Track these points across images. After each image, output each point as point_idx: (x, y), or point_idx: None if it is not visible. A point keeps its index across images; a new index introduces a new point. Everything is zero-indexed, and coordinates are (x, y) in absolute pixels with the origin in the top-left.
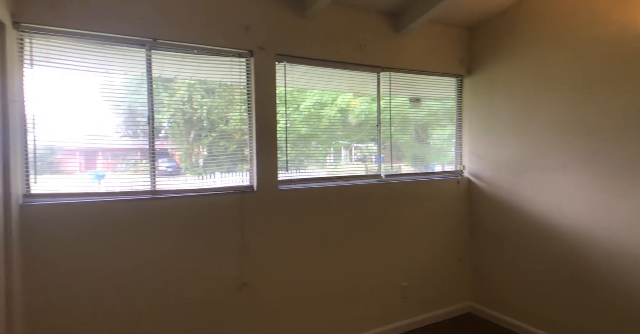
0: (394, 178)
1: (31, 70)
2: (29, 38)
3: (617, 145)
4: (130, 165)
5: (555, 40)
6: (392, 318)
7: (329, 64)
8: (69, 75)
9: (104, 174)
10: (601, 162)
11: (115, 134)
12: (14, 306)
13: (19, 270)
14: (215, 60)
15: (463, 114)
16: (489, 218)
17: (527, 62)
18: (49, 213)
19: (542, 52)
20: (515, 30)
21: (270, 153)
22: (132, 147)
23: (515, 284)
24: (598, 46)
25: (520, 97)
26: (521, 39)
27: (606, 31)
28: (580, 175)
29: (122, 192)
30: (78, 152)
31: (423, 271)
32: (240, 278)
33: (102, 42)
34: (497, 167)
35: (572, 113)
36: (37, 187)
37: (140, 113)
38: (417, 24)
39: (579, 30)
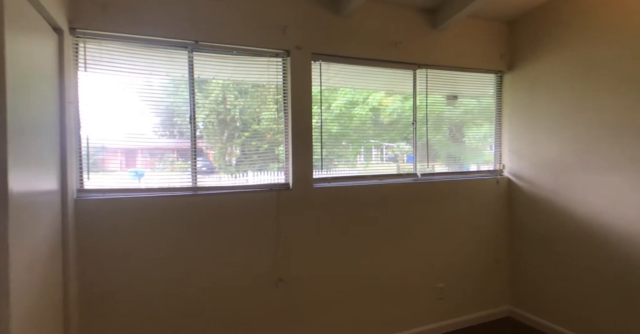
0: (431, 177)
1: (84, 73)
2: (83, 43)
3: None
4: (169, 163)
5: (604, 32)
6: (427, 319)
7: (364, 62)
8: (116, 78)
9: (143, 172)
10: None
11: (156, 134)
12: (70, 289)
13: (74, 258)
14: (252, 60)
15: (503, 111)
16: (530, 219)
17: (572, 56)
18: (100, 207)
19: (590, 44)
20: (559, 23)
21: (305, 152)
22: (171, 146)
23: (558, 289)
24: None
25: (565, 92)
26: (566, 31)
27: None
28: (632, 175)
29: (165, 188)
30: (120, 151)
31: (460, 272)
32: (276, 274)
33: (147, 45)
34: (540, 166)
35: (625, 108)
36: (89, 183)
37: (179, 113)
38: (456, 20)
39: (629, 20)
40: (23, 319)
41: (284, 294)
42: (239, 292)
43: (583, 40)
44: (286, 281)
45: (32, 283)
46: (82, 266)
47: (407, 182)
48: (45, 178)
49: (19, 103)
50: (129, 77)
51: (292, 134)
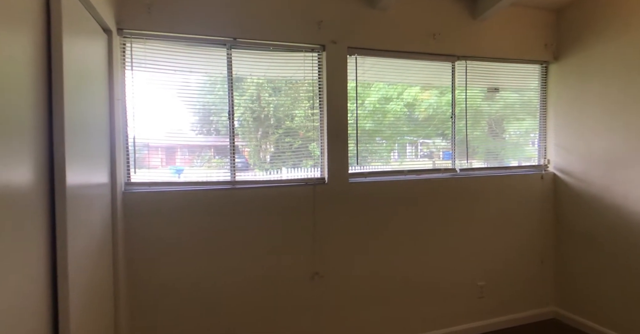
0: (470, 173)
1: (130, 72)
2: (129, 42)
3: None
4: (206, 160)
5: None
6: (467, 318)
7: (400, 55)
8: (159, 76)
9: (182, 169)
10: None
11: (194, 131)
12: (120, 275)
13: (123, 246)
14: (289, 56)
15: (548, 103)
16: (577, 217)
17: (626, 43)
18: (146, 199)
19: None
20: (610, 10)
21: (340, 146)
22: (209, 144)
23: (606, 290)
24: None
25: (618, 81)
26: (618, 17)
27: None
28: None
29: (206, 182)
30: (162, 148)
31: (502, 271)
32: (312, 267)
33: (189, 43)
34: (589, 161)
35: None
36: (136, 177)
37: (216, 111)
38: (498, 9)
39: None
40: (78, 302)
41: (319, 288)
42: (277, 284)
43: (635, 27)
44: (322, 275)
45: (87, 268)
46: (129, 253)
47: (445, 177)
48: (96, 172)
49: (74, 102)
50: (171, 75)
51: (327, 129)
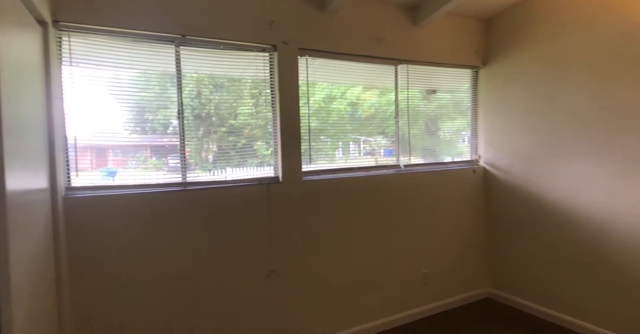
0: (412, 169)
1: (69, 68)
2: (67, 36)
3: (634, 131)
4: (141, 161)
5: (574, 30)
6: (414, 303)
7: (349, 57)
8: (101, 72)
9: (116, 170)
10: (618, 148)
11: (130, 130)
12: (64, 287)
13: (66, 256)
14: (239, 55)
15: (478, 104)
16: (505, 205)
17: (543, 52)
18: (90, 204)
19: (560, 41)
20: (532, 21)
21: (294, 145)
22: (154, 143)
23: (533, 270)
24: (616, 35)
25: (536, 86)
26: (538, 29)
27: (624, 21)
28: (598, 161)
29: (155, 184)
30: (97, 148)
31: (443, 258)
32: (269, 265)
33: (134, 39)
34: (513, 155)
35: (591, 102)
36: (78, 181)
37: (154, 108)
38: (435, 17)
39: (597, 19)
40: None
41: (276, 285)
42: (233, 283)
43: (554, 38)
44: (279, 272)
45: (29, 281)
46: (74, 265)
47: (391, 173)
48: (35, 176)
49: (10, 100)
50: (114, 72)
51: (280, 128)
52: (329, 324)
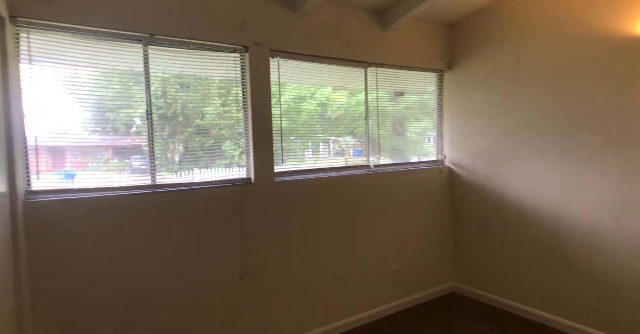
0: (382, 169)
1: (29, 66)
2: (26, 33)
3: (584, 135)
4: (103, 163)
5: (531, 37)
6: (384, 300)
7: (319, 59)
8: (62, 71)
9: (75, 173)
10: (570, 149)
11: (92, 130)
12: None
13: (26, 263)
14: (210, 55)
15: (443, 106)
16: (469, 203)
17: (504, 57)
18: (52, 209)
19: (518, 48)
20: (492, 28)
21: (265, 146)
22: (110, 144)
23: (495, 264)
24: (569, 44)
25: (496, 90)
26: (498, 35)
27: (577, 30)
28: (552, 161)
29: (124, 187)
30: (58, 149)
31: (411, 255)
32: (241, 267)
33: (99, 37)
34: (476, 156)
35: (545, 104)
36: (38, 184)
37: (116, 107)
38: (402, 22)
39: (552, 28)
40: None
41: (249, 286)
42: (204, 286)
43: (512, 44)
44: (251, 273)
45: None
46: (37, 278)
47: (361, 173)
48: None
49: None
50: (76, 70)
51: (252, 129)
52: (303, 323)
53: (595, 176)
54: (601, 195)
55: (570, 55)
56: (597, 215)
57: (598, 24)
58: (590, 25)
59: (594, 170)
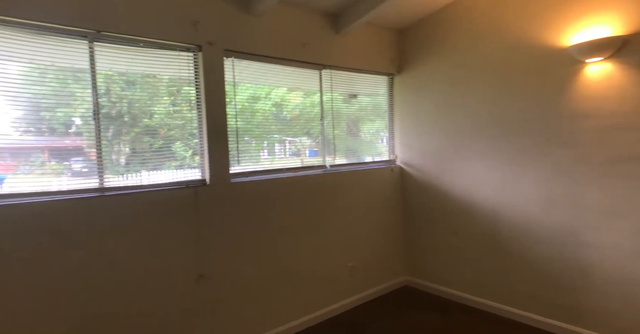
0: (338, 169)
1: None
2: None
3: (517, 137)
4: (38, 165)
5: (472, 45)
6: (341, 296)
7: (274, 60)
8: None
9: (4, 176)
10: (507, 151)
11: (41, 131)
12: None
13: None
14: (162, 53)
15: (394, 109)
16: (419, 200)
17: (448, 63)
18: None
19: (461, 55)
20: (436, 35)
21: (221, 147)
22: (46, 145)
23: (443, 257)
24: (505, 53)
25: (442, 94)
26: (441, 43)
27: (512, 41)
28: (492, 161)
29: (69, 191)
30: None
31: (366, 251)
32: (197, 270)
33: (40, 32)
34: (425, 156)
35: (485, 108)
36: None
37: (52, 106)
38: (355, 26)
39: (490, 37)
40: None
41: (205, 289)
42: (160, 290)
43: (456, 51)
44: (208, 276)
45: None
46: None
47: (317, 173)
48: None
49: None
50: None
51: (207, 129)
52: (263, 323)
53: (527, 175)
54: (532, 191)
55: (506, 63)
56: (529, 209)
57: (531, 36)
58: (524, 36)
59: (526, 169)
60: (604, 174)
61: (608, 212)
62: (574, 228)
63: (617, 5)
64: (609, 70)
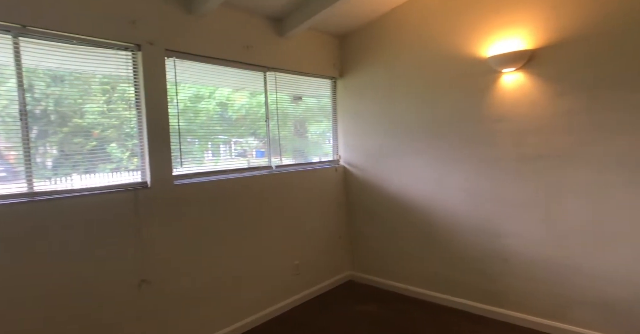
0: (283, 169)
1: None
2: None
3: (446, 137)
4: None
5: (405, 54)
6: (288, 293)
7: (218, 62)
8: None
9: None
10: (437, 149)
11: None
12: None
13: None
14: (97, 51)
15: (337, 111)
16: (361, 198)
17: (385, 69)
18: None
19: (396, 62)
20: (375, 43)
21: (163, 148)
22: None
23: (382, 251)
24: (434, 61)
25: (379, 97)
26: (380, 50)
27: (438, 50)
28: (425, 160)
29: None
30: None
31: (311, 249)
32: (139, 275)
33: None
34: (366, 155)
35: (418, 111)
36: None
37: None
38: (298, 31)
39: (421, 47)
40: None
41: (148, 295)
42: (100, 297)
43: (388, 58)
44: (149, 281)
45: None
46: None
47: (263, 174)
48: None
49: None
50: None
51: (147, 130)
52: (211, 324)
53: (455, 172)
54: (460, 187)
55: (435, 71)
56: (457, 203)
57: (455, 47)
58: (449, 47)
59: (454, 167)
60: (517, 170)
61: (520, 204)
62: (494, 219)
63: (526, 21)
64: (521, 79)
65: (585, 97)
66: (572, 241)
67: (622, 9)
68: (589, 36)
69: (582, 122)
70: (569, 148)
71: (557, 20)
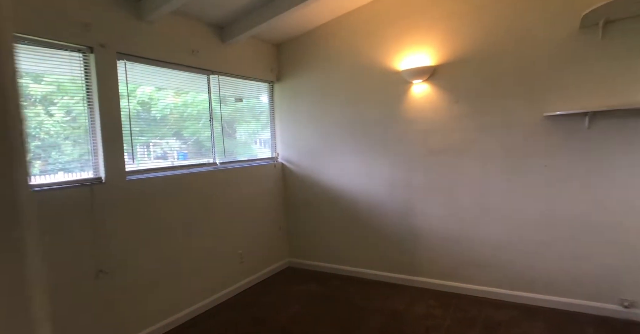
0: (227, 165)
1: None
2: None
3: (369, 137)
4: None
5: (335, 63)
6: (233, 280)
7: (166, 65)
8: None
9: None
10: (363, 147)
11: None
12: None
13: None
14: (50, 52)
15: (275, 112)
16: (297, 191)
17: (317, 75)
18: None
19: (327, 69)
20: (308, 51)
21: (116, 145)
22: None
23: (318, 237)
24: (358, 70)
25: (315, 100)
26: (313, 58)
27: (362, 61)
28: (354, 155)
29: None
30: None
31: (254, 239)
32: (95, 266)
33: None
34: (301, 152)
35: (346, 113)
36: None
37: None
38: (239, 38)
39: (348, 58)
40: None
41: (105, 284)
42: (58, 287)
43: (323, 66)
44: (106, 271)
45: None
46: None
47: (209, 170)
48: None
49: None
50: None
51: (100, 129)
52: (165, 310)
53: (377, 164)
54: (381, 177)
55: (360, 79)
56: (379, 191)
57: (375, 60)
58: (371, 59)
59: (376, 160)
60: (424, 163)
61: (427, 190)
62: (408, 203)
63: (429, 41)
64: (427, 89)
65: (471, 104)
66: (464, 216)
67: (498, 40)
68: (475, 58)
69: (469, 124)
70: (461, 144)
71: (453, 42)
